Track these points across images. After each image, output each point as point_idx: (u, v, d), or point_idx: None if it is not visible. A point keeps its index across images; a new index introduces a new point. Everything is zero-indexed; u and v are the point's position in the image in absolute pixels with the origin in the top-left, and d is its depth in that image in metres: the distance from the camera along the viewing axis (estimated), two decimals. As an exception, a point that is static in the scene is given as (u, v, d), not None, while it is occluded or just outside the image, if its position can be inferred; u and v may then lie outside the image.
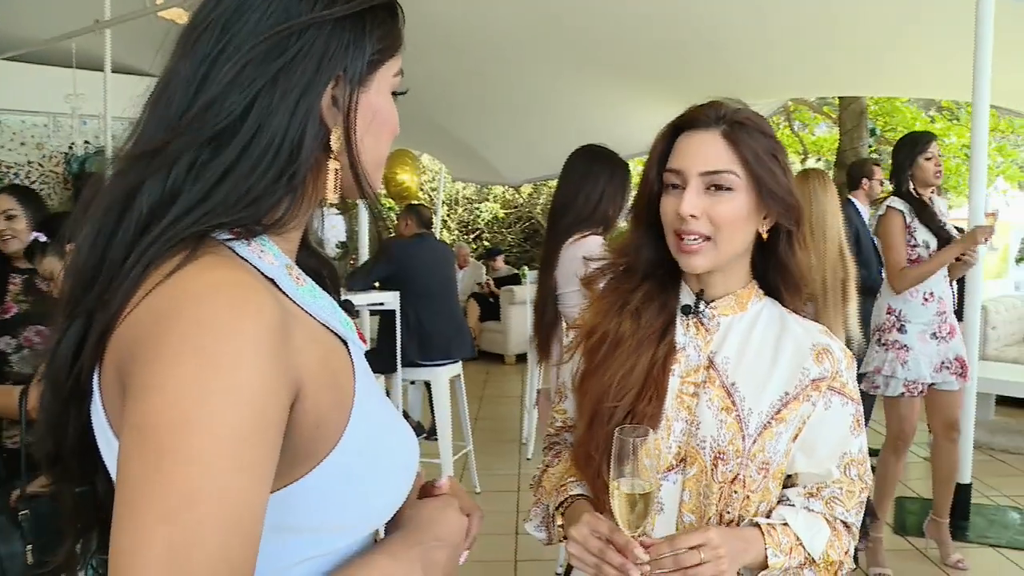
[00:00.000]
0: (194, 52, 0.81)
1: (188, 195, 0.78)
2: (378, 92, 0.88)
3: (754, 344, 1.38)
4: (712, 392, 1.35)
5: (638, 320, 1.39)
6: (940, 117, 13.63)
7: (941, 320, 3.93)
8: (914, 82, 7.78)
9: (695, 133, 1.35)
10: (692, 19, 5.87)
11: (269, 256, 0.82)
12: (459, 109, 7.95)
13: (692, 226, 1.31)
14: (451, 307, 5.36)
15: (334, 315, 0.88)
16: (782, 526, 1.32)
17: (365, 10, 0.85)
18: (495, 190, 16.00)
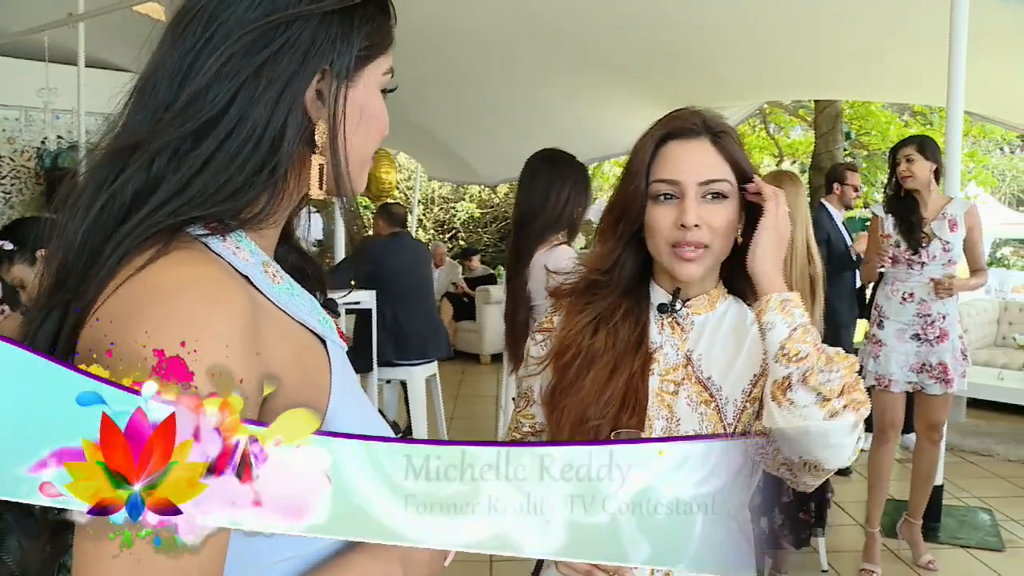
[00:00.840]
0: (181, 42, 0.81)
1: (167, 185, 0.77)
2: (367, 89, 0.87)
3: (721, 338, 1.40)
4: (690, 388, 1.37)
5: (615, 335, 1.39)
6: (914, 121, 13.77)
7: (925, 322, 3.97)
8: (889, 87, 7.86)
9: (685, 142, 1.36)
10: (670, 22, 5.88)
11: (244, 252, 0.81)
12: (436, 108, 7.94)
13: (694, 236, 1.32)
14: (428, 307, 5.35)
15: (312, 313, 0.86)
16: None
17: (355, 5, 0.84)
18: (471, 189, 15.99)
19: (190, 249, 0.76)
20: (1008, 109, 7.31)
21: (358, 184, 0.90)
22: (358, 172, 0.89)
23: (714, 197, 1.33)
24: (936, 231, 3.96)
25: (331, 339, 0.87)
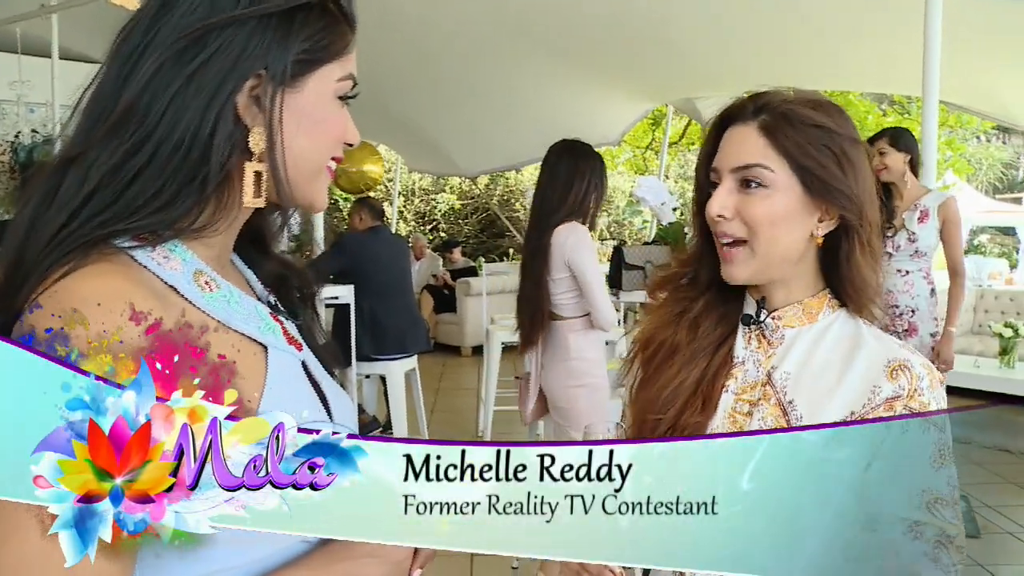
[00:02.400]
0: (121, 50, 0.81)
1: (100, 197, 0.77)
2: (315, 95, 0.85)
3: (820, 359, 1.23)
4: (766, 410, 1.22)
5: (695, 330, 1.29)
6: (892, 111, 13.88)
7: (892, 313, 3.95)
8: (866, 77, 7.91)
9: (734, 128, 1.22)
10: (650, 11, 5.89)
11: (175, 262, 0.81)
12: (416, 99, 7.92)
13: (723, 227, 1.20)
14: (406, 301, 5.34)
15: (252, 320, 0.86)
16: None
17: (294, 9, 0.82)
18: (452, 181, 15.97)
19: (110, 261, 0.76)
20: (983, 99, 7.38)
21: (312, 193, 0.89)
22: (309, 181, 0.88)
23: (749, 185, 1.19)
24: (906, 222, 3.94)
25: (274, 345, 0.86)
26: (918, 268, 3.97)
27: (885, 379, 1.18)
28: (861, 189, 1.20)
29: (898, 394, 1.17)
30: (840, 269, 1.24)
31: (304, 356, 0.91)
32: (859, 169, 1.20)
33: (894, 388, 1.17)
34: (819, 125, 1.19)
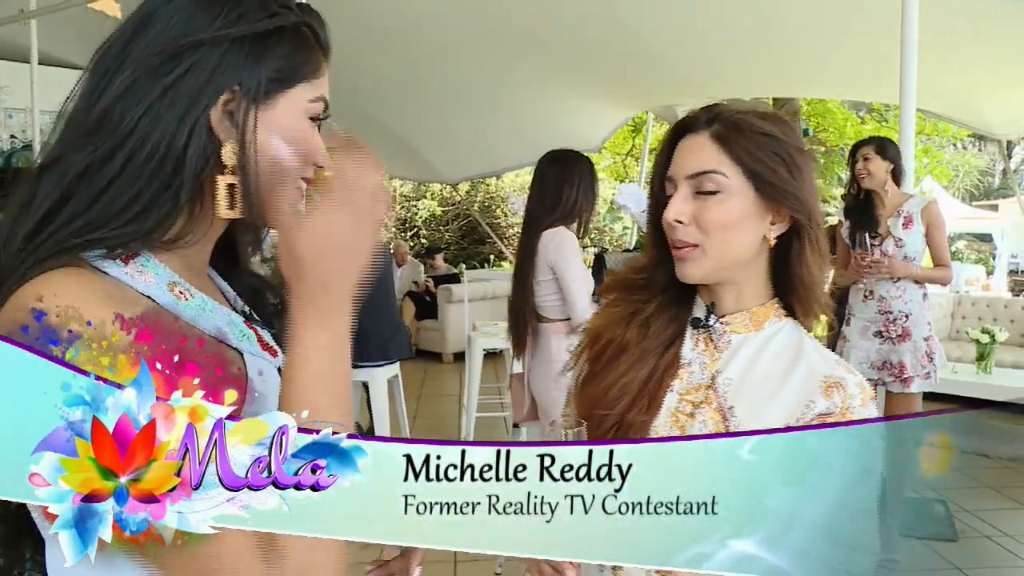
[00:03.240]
0: (99, 64, 0.84)
1: (73, 205, 0.79)
2: (287, 114, 0.87)
3: (762, 368, 1.27)
4: (707, 413, 1.26)
5: (646, 330, 1.32)
6: (870, 118, 14.01)
7: (887, 319, 4.01)
8: (844, 84, 7.98)
9: (689, 137, 1.28)
10: (630, 18, 5.92)
11: (149, 275, 0.82)
12: (396, 105, 7.92)
13: (679, 233, 1.25)
14: (388, 308, 5.33)
15: (227, 327, 0.88)
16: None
17: (269, 31, 0.85)
18: (432, 187, 15.97)
19: (82, 269, 0.78)
20: (959, 107, 7.47)
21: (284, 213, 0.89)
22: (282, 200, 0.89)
23: (705, 192, 1.23)
24: (891, 228, 3.99)
25: (249, 351, 0.88)
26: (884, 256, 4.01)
27: (820, 395, 1.22)
28: (808, 193, 1.25)
29: (831, 411, 1.21)
30: (791, 269, 1.29)
31: (278, 362, 0.93)
32: (806, 175, 1.26)
33: (827, 404, 1.21)
34: (768, 134, 1.24)
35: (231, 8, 0.83)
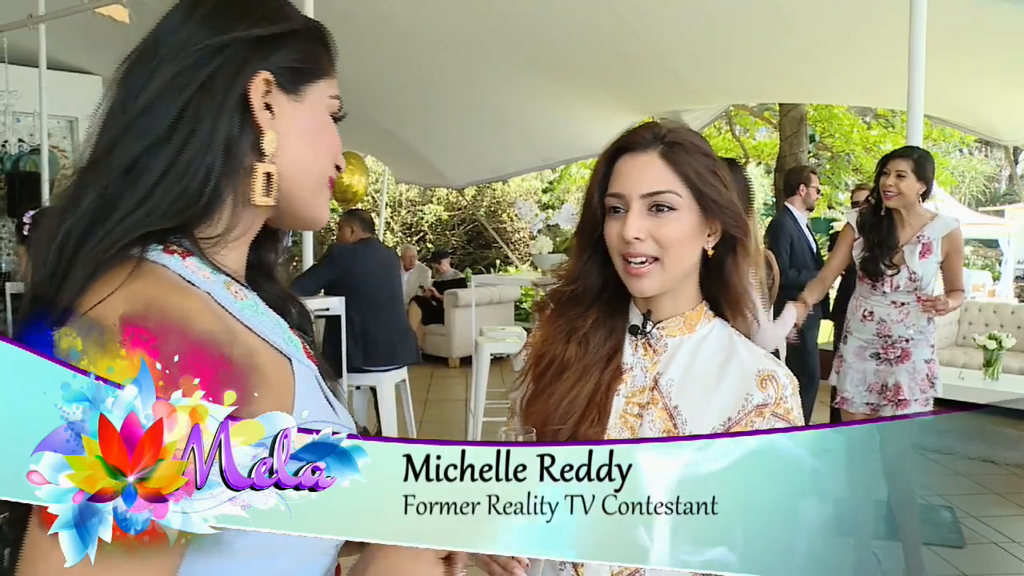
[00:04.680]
0: (133, 70, 0.87)
1: (128, 199, 0.81)
2: (314, 107, 0.92)
3: (699, 367, 1.36)
4: (655, 413, 1.33)
5: (586, 346, 1.39)
6: (876, 124, 13.99)
7: (885, 342, 3.76)
8: (851, 91, 7.98)
9: (634, 155, 1.34)
10: (637, 24, 5.93)
11: (206, 272, 0.83)
12: (403, 111, 7.94)
13: (638, 248, 1.31)
14: (396, 312, 5.34)
15: (277, 332, 0.88)
16: None
17: (293, 29, 0.91)
18: (438, 192, 15.98)
19: (157, 275, 0.79)
20: (966, 113, 7.46)
21: (315, 207, 0.94)
22: (312, 194, 0.93)
23: (659, 209, 1.31)
24: (907, 257, 3.69)
25: (297, 358, 0.88)
26: (915, 301, 3.71)
27: (756, 387, 1.33)
28: (736, 204, 1.36)
29: (766, 402, 1.32)
30: (725, 277, 1.39)
31: (316, 371, 0.94)
32: (730, 187, 1.36)
33: (763, 396, 1.32)
34: (704, 152, 1.34)
35: (252, 10, 0.88)
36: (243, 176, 0.86)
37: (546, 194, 16.40)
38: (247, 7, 0.89)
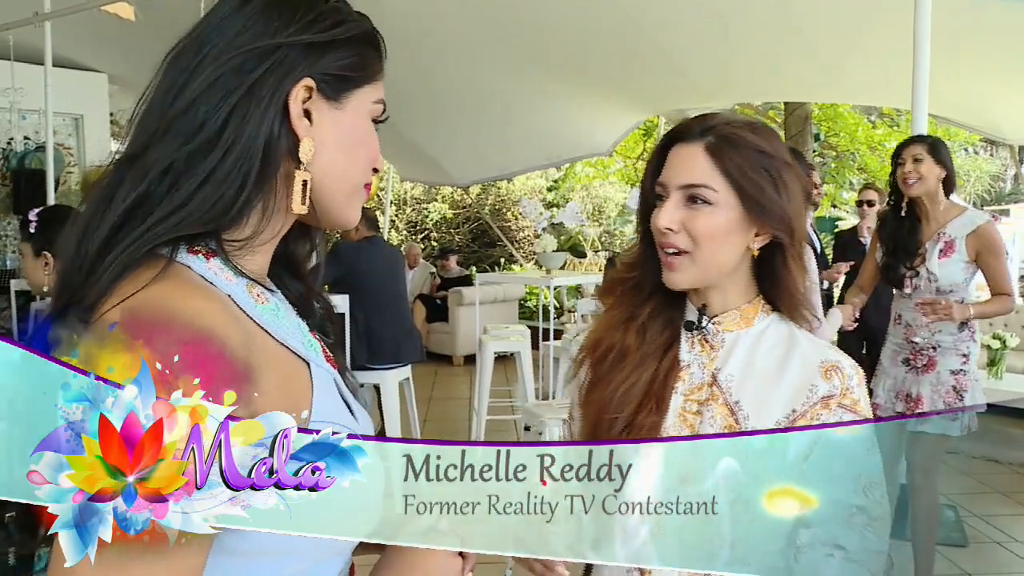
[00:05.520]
0: (176, 64, 0.85)
1: (170, 199, 0.80)
2: (355, 114, 0.90)
3: (760, 361, 1.33)
4: (715, 410, 1.31)
5: (643, 335, 1.37)
6: (881, 123, 13.96)
7: (913, 348, 3.58)
8: (856, 90, 7.96)
9: (682, 146, 1.32)
10: (642, 23, 5.92)
11: (228, 274, 0.83)
12: (409, 109, 7.93)
13: (670, 239, 1.29)
14: (401, 311, 5.34)
15: (296, 335, 0.88)
16: None
17: (347, 37, 0.88)
18: (443, 190, 15.97)
19: (184, 278, 0.79)
20: (970, 112, 7.44)
21: (347, 212, 0.93)
22: (347, 200, 0.92)
23: (696, 201, 1.28)
24: (927, 255, 3.49)
25: (315, 362, 0.88)
26: (940, 300, 3.46)
27: (820, 379, 1.29)
28: (792, 209, 1.31)
29: (832, 393, 1.29)
30: (773, 278, 1.36)
31: (335, 374, 0.94)
32: (791, 190, 1.31)
33: (828, 387, 1.29)
34: (759, 149, 1.29)
35: (305, 12, 0.86)
36: (276, 182, 0.86)
37: (551, 192, 16.38)
38: (301, 6, 0.86)
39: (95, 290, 0.77)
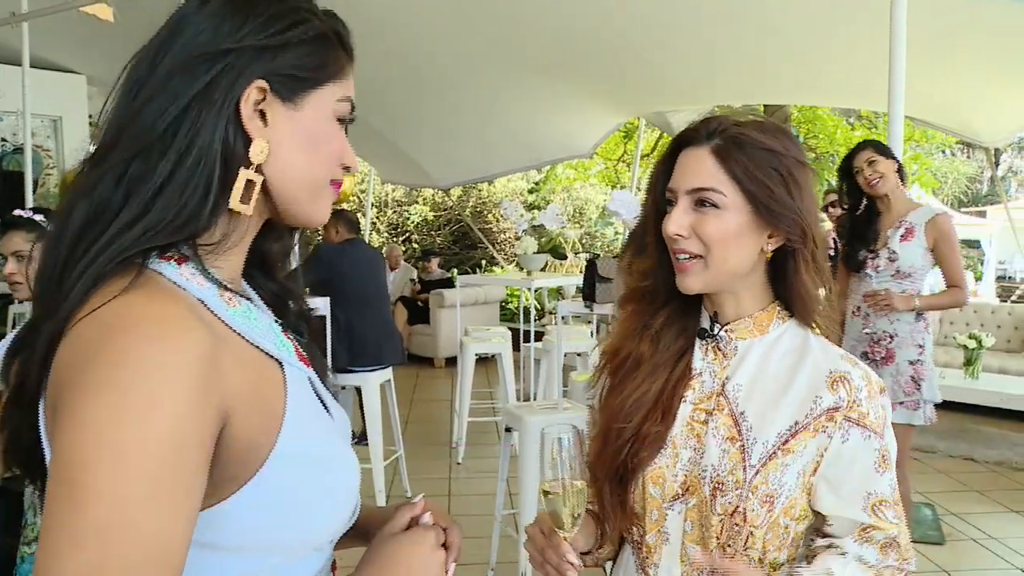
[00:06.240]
0: (136, 69, 0.85)
1: (128, 208, 0.80)
2: (315, 113, 0.89)
3: (770, 370, 1.31)
4: (720, 420, 1.29)
5: (657, 343, 1.36)
6: (860, 125, 14.07)
7: (871, 339, 3.73)
8: (833, 92, 8.02)
9: (690, 150, 1.29)
10: (622, 25, 5.94)
11: (200, 279, 0.83)
12: (390, 111, 7.92)
13: (681, 244, 1.27)
14: (382, 313, 5.34)
15: (268, 336, 0.88)
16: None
17: (300, 37, 0.87)
18: (424, 193, 15.95)
19: (153, 284, 0.79)
20: (947, 115, 7.51)
21: (313, 212, 0.92)
22: (310, 199, 0.91)
23: (704, 205, 1.26)
24: (888, 239, 3.69)
25: (288, 362, 0.89)
26: (901, 290, 3.67)
27: (826, 390, 1.26)
28: (806, 209, 1.27)
29: (838, 405, 1.26)
30: (787, 282, 1.32)
31: (310, 373, 0.94)
32: (804, 190, 1.27)
33: (834, 399, 1.26)
34: (768, 148, 1.26)
35: (259, 13, 0.85)
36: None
37: (532, 194, 16.40)
38: (257, 6, 0.86)
39: (67, 303, 0.78)
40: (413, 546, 0.95)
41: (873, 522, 1.25)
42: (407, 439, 5.69)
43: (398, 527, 0.98)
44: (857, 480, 1.25)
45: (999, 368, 7.84)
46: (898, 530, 1.26)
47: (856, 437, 1.25)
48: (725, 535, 1.25)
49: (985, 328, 8.36)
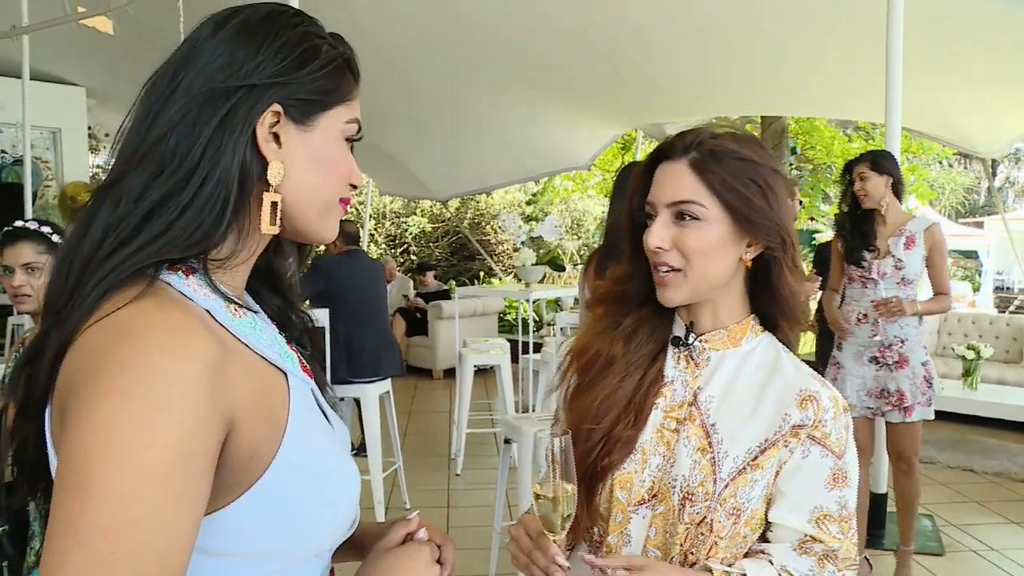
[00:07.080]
0: (151, 93, 0.87)
1: (149, 228, 0.82)
2: (324, 135, 0.92)
3: (741, 384, 1.33)
4: (691, 430, 1.31)
5: (629, 343, 1.37)
6: (856, 136, 14.10)
7: (881, 345, 3.84)
8: (830, 104, 8.05)
9: (667, 164, 1.31)
10: (620, 38, 5.97)
11: (207, 290, 0.85)
12: (388, 123, 7.94)
13: (661, 257, 1.29)
14: (381, 324, 5.33)
15: (273, 347, 0.90)
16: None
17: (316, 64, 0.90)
18: (422, 204, 15.98)
19: (163, 294, 0.81)
20: (944, 126, 7.54)
21: (322, 228, 0.95)
22: (320, 218, 0.94)
23: (684, 218, 1.28)
24: (891, 248, 3.80)
25: (292, 372, 0.91)
26: (905, 296, 3.77)
27: (795, 408, 1.29)
28: (783, 215, 1.30)
29: (804, 423, 1.28)
30: (771, 288, 1.34)
31: (312, 385, 0.96)
32: (780, 196, 1.30)
33: (801, 417, 1.28)
34: (744, 159, 1.28)
35: (273, 39, 0.88)
36: (250, 205, 0.88)
37: (529, 206, 16.42)
38: (270, 32, 0.88)
39: (77, 313, 0.79)
40: (408, 560, 0.97)
41: (815, 534, 1.28)
42: (406, 451, 5.68)
43: (393, 542, 1.00)
44: (805, 493, 1.28)
45: (997, 379, 7.84)
46: (841, 544, 1.29)
47: (815, 455, 1.28)
48: (689, 543, 1.27)
49: (983, 339, 8.37)
